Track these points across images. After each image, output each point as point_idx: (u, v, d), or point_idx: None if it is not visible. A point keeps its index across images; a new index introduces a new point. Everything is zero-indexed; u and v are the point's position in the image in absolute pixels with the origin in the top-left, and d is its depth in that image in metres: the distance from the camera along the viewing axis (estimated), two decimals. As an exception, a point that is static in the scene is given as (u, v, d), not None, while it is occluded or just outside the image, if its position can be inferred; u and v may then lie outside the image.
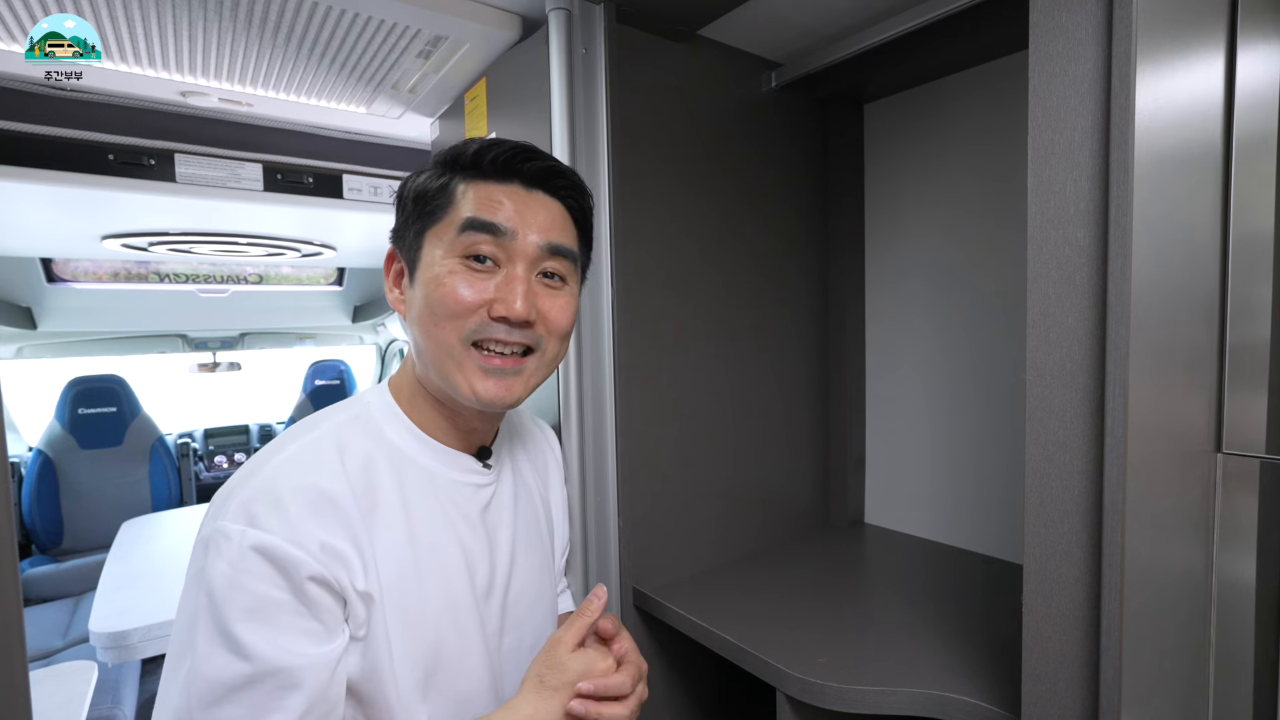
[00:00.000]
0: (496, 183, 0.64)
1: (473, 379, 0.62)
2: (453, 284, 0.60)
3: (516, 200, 0.63)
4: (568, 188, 0.67)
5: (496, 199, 0.62)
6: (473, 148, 0.64)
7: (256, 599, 0.53)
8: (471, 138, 0.66)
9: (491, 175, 0.64)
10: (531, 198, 0.64)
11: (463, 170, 0.64)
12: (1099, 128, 0.57)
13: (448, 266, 0.61)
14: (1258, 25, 0.66)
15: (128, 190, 1.30)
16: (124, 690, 1.84)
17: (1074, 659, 0.61)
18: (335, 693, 0.57)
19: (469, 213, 0.61)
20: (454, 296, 0.60)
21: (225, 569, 0.53)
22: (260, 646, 0.52)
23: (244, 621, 0.52)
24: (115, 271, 2.55)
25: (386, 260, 0.69)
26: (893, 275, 1.37)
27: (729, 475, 1.23)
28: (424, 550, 0.63)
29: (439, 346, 0.62)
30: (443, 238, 0.62)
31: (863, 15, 1.05)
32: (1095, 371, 0.58)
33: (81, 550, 2.89)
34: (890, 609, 1.02)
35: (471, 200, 0.62)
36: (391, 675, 0.59)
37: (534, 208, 0.64)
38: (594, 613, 0.67)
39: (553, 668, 0.63)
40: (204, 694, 0.52)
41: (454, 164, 0.65)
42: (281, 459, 0.59)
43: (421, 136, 1.54)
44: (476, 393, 0.62)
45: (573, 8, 0.95)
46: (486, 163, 0.63)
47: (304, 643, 0.54)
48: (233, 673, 0.52)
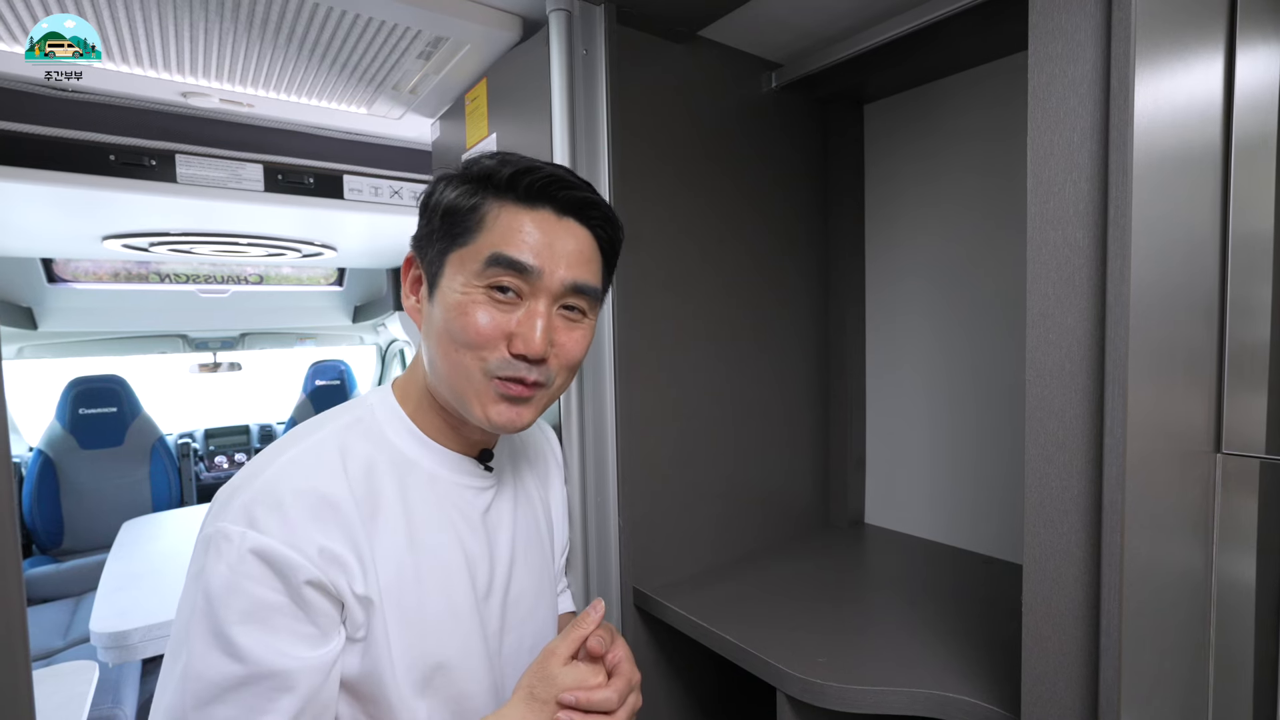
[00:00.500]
0: (527, 208, 0.62)
1: (488, 405, 0.62)
2: (474, 314, 0.60)
3: (546, 229, 0.62)
4: (600, 220, 0.66)
5: (526, 230, 0.61)
6: (508, 170, 0.61)
7: (253, 602, 0.53)
8: (506, 155, 0.64)
9: (524, 199, 0.62)
10: (562, 225, 0.63)
11: (495, 190, 0.62)
12: (1098, 128, 0.57)
13: (471, 296, 0.60)
14: (1257, 26, 0.66)
15: (128, 191, 1.31)
16: (124, 690, 1.84)
17: (1073, 659, 0.61)
18: (328, 696, 0.57)
19: (497, 246, 0.60)
20: (475, 328, 0.60)
21: (224, 571, 0.53)
22: (255, 649, 0.53)
23: (240, 624, 0.53)
24: (116, 272, 2.55)
25: (405, 264, 0.68)
26: (892, 275, 1.37)
27: (729, 475, 1.23)
28: (425, 553, 0.63)
29: (457, 371, 0.62)
30: (466, 264, 0.61)
31: (863, 16, 1.05)
32: (1095, 372, 0.58)
33: (82, 550, 2.90)
34: (890, 609, 1.02)
35: (501, 230, 0.61)
36: (392, 676, 0.60)
37: (563, 238, 0.63)
38: (590, 624, 0.67)
39: (543, 680, 0.63)
40: (198, 693, 0.53)
41: (487, 182, 0.62)
42: (284, 461, 0.59)
43: (422, 137, 1.54)
44: (490, 418, 0.62)
45: (573, 9, 0.95)
46: (521, 188, 0.62)
47: (299, 646, 0.55)
48: (226, 674, 0.53)
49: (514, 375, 0.61)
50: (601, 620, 0.68)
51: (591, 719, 0.63)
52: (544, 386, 0.64)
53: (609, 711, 0.64)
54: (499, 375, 0.61)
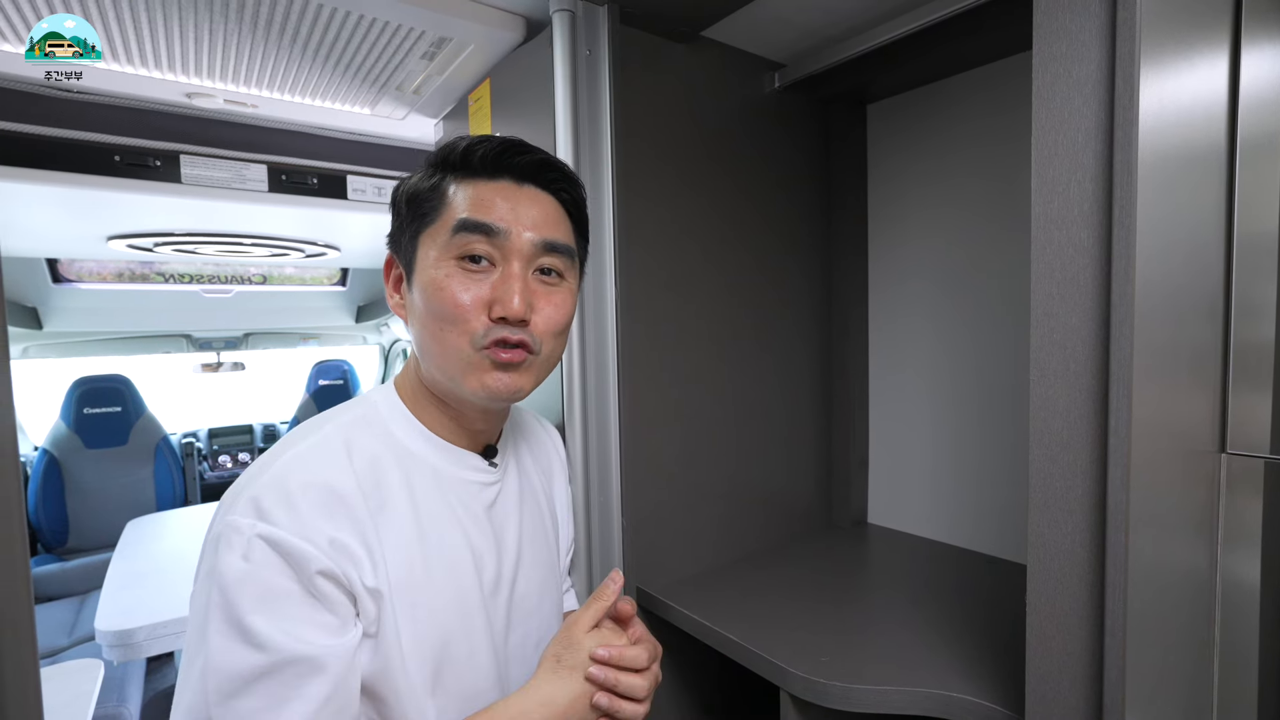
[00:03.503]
0: (487, 180, 0.63)
1: (483, 376, 0.62)
2: (450, 287, 0.60)
3: (508, 197, 0.63)
4: (559, 180, 0.67)
5: (488, 198, 0.62)
6: (461, 145, 0.63)
7: (268, 589, 0.53)
8: (462, 136, 0.66)
9: (481, 173, 0.63)
10: (523, 193, 0.64)
11: (453, 169, 0.64)
12: (1103, 128, 0.57)
13: (444, 270, 0.61)
14: (1262, 26, 0.66)
15: (133, 191, 1.31)
16: (129, 688, 1.85)
17: (1077, 658, 0.61)
18: (353, 684, 0.57)
19: (462, 214, 0.61)
20: (452, 300, 0.60)
21: (236, 562, 0.53)
22: (274, 636, 0.52)
23: (256, 612, 0.52)
24: (120, 272, 2.56)
25: (385, 266, 0.69)
26: (895, 275, 1.37)
27: (732, 475, 1.23)
28: (432, 548, 0.63)
29: (447, 350, 0.62)
30: (436, 239, 0.62)
31: (866, 16, 1.05)
32: (1099, 371, 0.58)
33: (87, 549, 2.91)
34: (893, 608, 1.02)
35: (464, 200, 0.62)
36: (403, 672, 0.60)
37: (526, 203, 0.63)
38: (610, 596, 0.67)
39: (570, 646, 0.64)
40: (221, 687, 0.52)
41: (444, 164, 0.64)
42: (290, 456, 0.59)
43: (425, 137, 1.54)
44: (486, 386, 0.62)
45: (576, 9, 0.95)
46: (476, 160, 0.63)
47: (318, 633, 0.54)
48: (249, 664, 0.52)
49: (500, 338, 0.61)
50: (619, 593, 0.68)
51: (623, 675, 0.63)
52: (533, 352, 0.64)
53: (639, 670, 0.64)
54: (486, 344, 0.61)
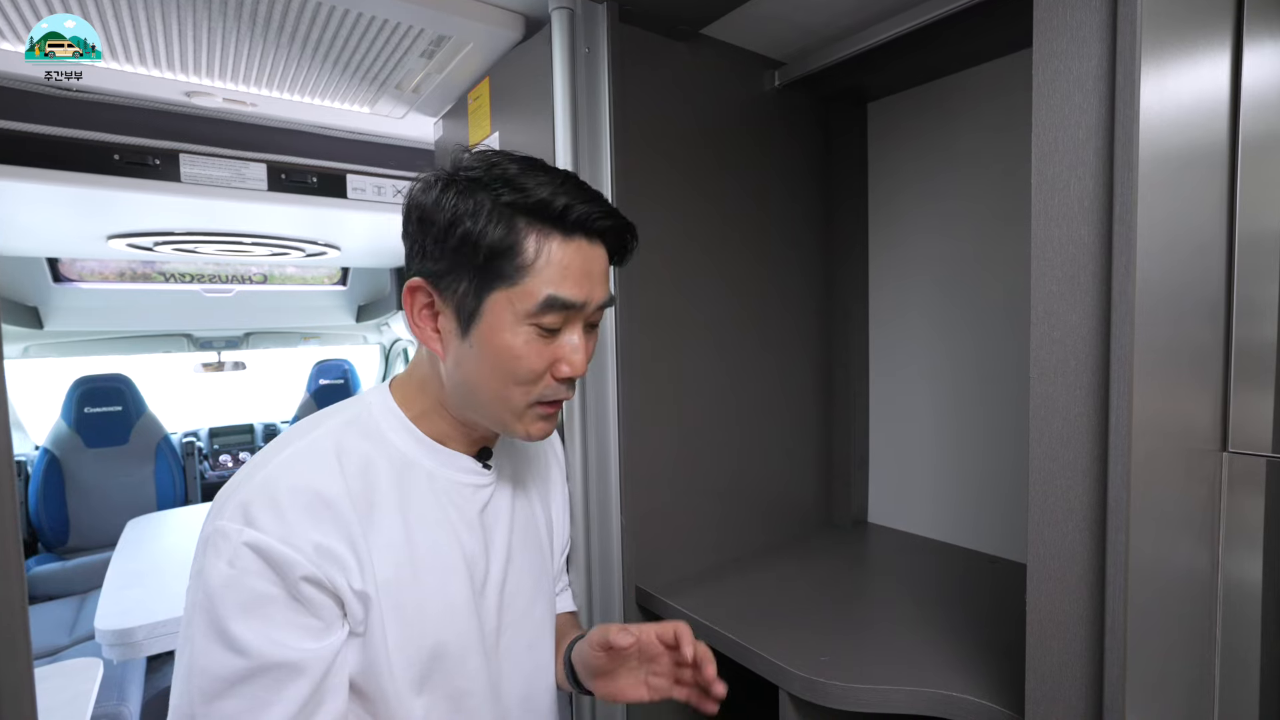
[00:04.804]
0: (564, 238, 0.60)
1: (530, 426, 0.65)
2: (529, 355, 0.61)
3: (584, 258, 0.61)
4: (631, 241, 0.68)
5: (573, 269, 0.60)
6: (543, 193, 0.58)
7: (252, 595, 0.54)
8: (525, 171, 0.60)
9: (564, 230, 0.60)
10: (593, 251, 0.63)
11: (535, 218, 0.59)
12: (1103, 125, 0.57)
13: (522, 336, 0.60)
14: (1264, 23, 0.66)
15: (133, 190, 1.31)
16: (129, 687, 1.85)
17: (1078, 658, 0.61)
18: (337, 681, 0.58)
19: (550, 289, 0.59)
20: (528, 367, 0.61)
21: (223, 567, 0.54)
22: (256, 642, 0.53)
23: (239, 618, 0.53)
24: (120, 271, 2.56)
25: (409, 292, 0.64)
26: (895, 273, 1.36)
27: (732, 474, 1.23)
28: (422, 550, 0.64)
29: (500, 402, 0.63)
30: (515, 305, 0.59)
31: (865, 14, 1.05)
32: (1099, 369, 0.58)
33: (87, 548, 2.91)
34: (893, 608, 1.01)
35: (553, 271, 0.59)
36: (389, 672, 0.60)
37: (594, 261, 0.63)
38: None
39: None
40: (204, 688, 0.53)
41: (522, 208, 0.58)
42: (280, 460, 0.59)
43: (425, 136, 1.54)
44: (531, 434, 0.66)
45: (575, 7, 0.95)
46: (571, 220, 0.59)
47: (301, 638, 0.55)
48: (230, 668, 0.53)
49: (558, 398, 0.65)
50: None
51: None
52: None
53: None
54: (545, 400, 0.64)
